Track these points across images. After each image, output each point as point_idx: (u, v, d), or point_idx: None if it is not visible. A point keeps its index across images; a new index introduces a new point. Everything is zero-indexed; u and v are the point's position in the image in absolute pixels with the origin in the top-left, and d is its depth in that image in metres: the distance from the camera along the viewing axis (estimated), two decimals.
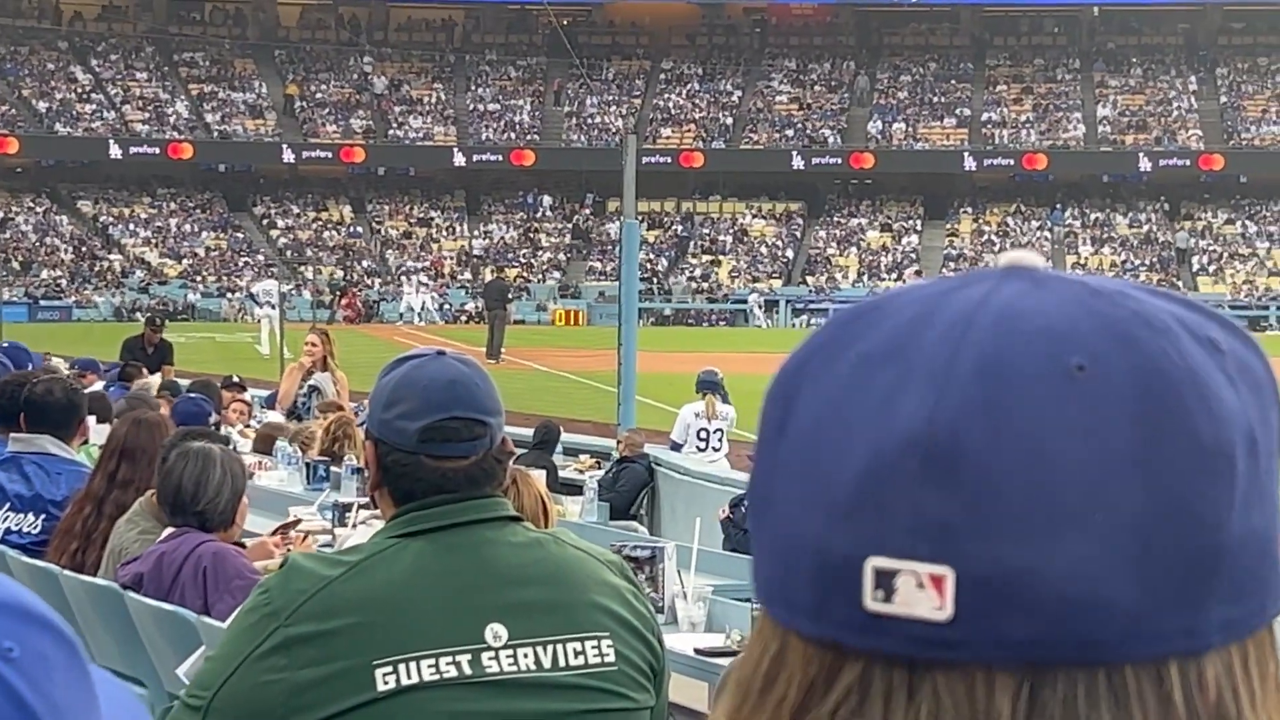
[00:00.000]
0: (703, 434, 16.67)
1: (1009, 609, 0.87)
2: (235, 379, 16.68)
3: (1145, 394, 0.89)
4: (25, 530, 7.28)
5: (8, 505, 7.31)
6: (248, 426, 14.79)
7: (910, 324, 0.92)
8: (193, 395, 11.41)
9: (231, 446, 7.94)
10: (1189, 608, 0.89)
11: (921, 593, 0.87)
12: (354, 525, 7.84)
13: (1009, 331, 0.90)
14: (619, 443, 15.84)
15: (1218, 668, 0.91)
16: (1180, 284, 68.49)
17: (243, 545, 6.13)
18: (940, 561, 0.87)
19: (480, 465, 3.21)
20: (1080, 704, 0.88)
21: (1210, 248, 72.21)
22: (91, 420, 10.98)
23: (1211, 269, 70.47)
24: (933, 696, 0.89)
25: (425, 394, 3.19)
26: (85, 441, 9.51)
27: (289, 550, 6.75)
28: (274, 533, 7.19)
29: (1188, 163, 73.14)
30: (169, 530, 5.83)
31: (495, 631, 3.11)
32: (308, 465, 11.19)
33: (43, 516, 7.27)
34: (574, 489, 12.76)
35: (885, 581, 0.88)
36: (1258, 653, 0.93)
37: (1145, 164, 73.16)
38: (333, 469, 11.02)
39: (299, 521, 7.88)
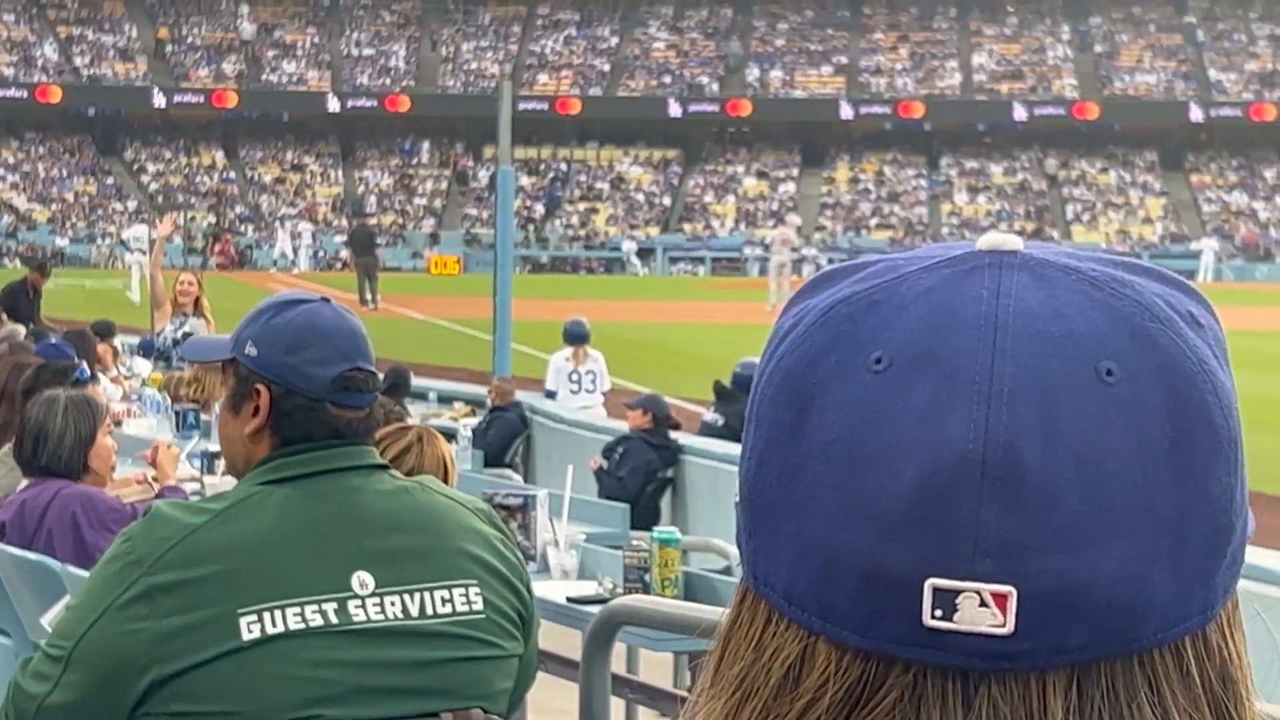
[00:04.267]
0: (574, 377, 16.72)
1: (1067, 619, 0.89)
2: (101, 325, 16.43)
3: (1171, 393, 0.91)
4: None
5: None
6: (119, 374, 14.61)
7: (927, 325, 0.92)
8: (54, 342, 11.20)
9: (100, 387, 7.80)
10: (1205, 586, 0.93)
11: (984, 610, 0.88)
12: (223, 473, 7.75)
13: (1037, 336, 0.91)
14: (490, 391, 15.80)
15: (1217, 633, 0.94)
16: (1055, 234, 69.19)
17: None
18: (1003, 580, 0.88)
19: (372, 415, 3.25)
20: (1121, 693, 0.91)
21: (1084, 196, 73.03)
22: None
23: (1085, 218, 71.29)
24: (989, 703, 0.90)
25: (333, 342, 3.19)
26: None
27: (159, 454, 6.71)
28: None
29: (1062, 112, 73.86)
30: (29, 480, 5.76)
31: (362, 579, 3.09)
32: (177, 413, 11.04)
33: None
34: (448, 437, 12.69)
35: (945, 600, 0.89)
36: (1233, 604, 0.96)
37: (1021, 113, 73.82)
38: (202, 416, 10.88)
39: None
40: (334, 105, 74.32)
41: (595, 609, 5.52)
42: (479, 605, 3.19)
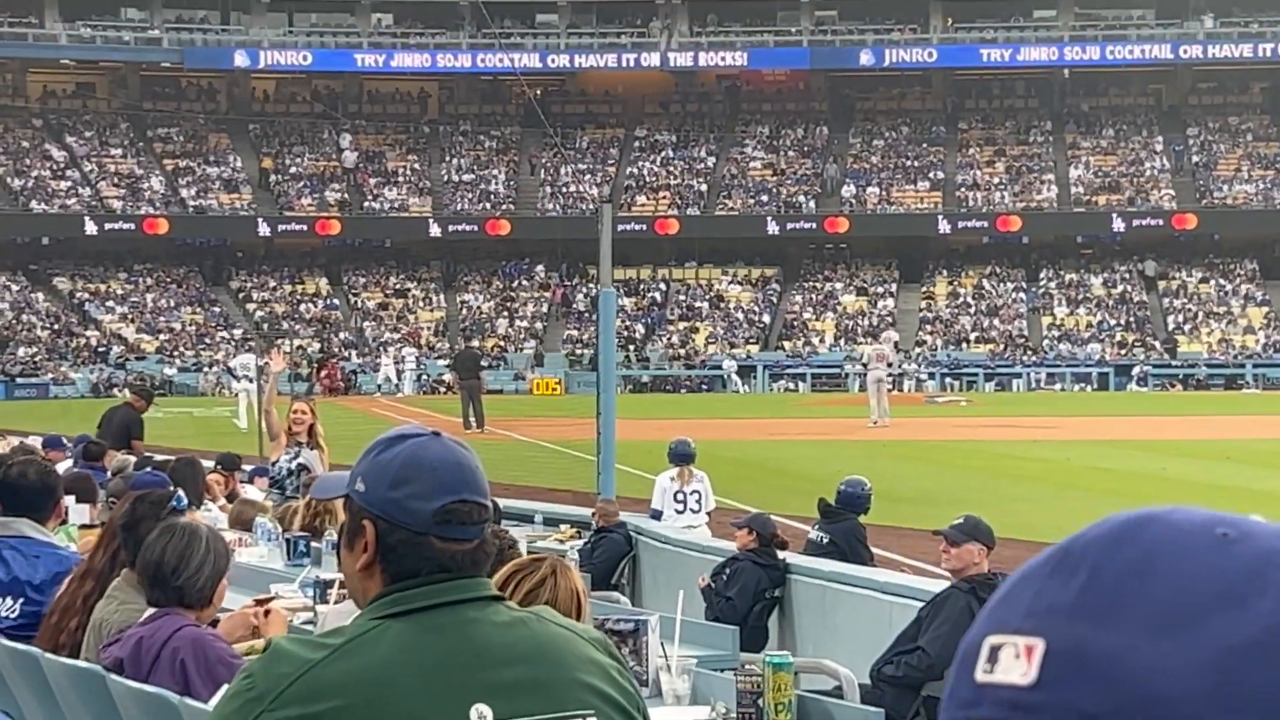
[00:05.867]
0: (679, 496, 16.73)
1: (1084, 681, 0.97)
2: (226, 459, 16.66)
3: (1274, 559, 0.99)
4: (4, 614, 7.22)
5: None
6: (229, 500, 14.74)
7: None
8: (150, 470, 11.34)
9: (208, 515, 7.87)
10: None
11: (1018, 661, 0.99)
12: (335, 602, 7.79)
13: (1181, 509, 1.03)
14: (594, 513, 15.82)
15: None
16: (1156, 341, 68.65)
17: (215, 621, 6.08)
18: (1036, 635, 0.99)
19: (482, 547, 3.23)
20: None
21: (1186, 307, 72.46)
22: (70, 500, 10.94)
23: (1187, 328, 70.71)
24: None
25: (435, 475, 3.19)
26: (64, 522, 9.46)
27: (263, 618, 6.72)
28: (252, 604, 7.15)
29: (1161, 222, 73.47)
30: (149, 612, 5.78)
31: (480, 712, 3.09)
32: (288, 541, 11.11)
33: (21, 600, 7.20)
34: None
35: (994, 655, 1.00)
36: None
37: (1119, 224, 73.51)
38: (313, 544, 10.95)
39: (275, 597, 7.83)
40: (435, 230, 75.05)
41: None
42: None
